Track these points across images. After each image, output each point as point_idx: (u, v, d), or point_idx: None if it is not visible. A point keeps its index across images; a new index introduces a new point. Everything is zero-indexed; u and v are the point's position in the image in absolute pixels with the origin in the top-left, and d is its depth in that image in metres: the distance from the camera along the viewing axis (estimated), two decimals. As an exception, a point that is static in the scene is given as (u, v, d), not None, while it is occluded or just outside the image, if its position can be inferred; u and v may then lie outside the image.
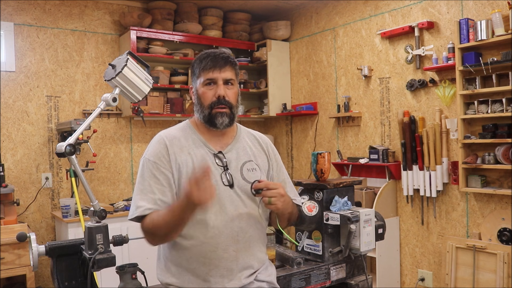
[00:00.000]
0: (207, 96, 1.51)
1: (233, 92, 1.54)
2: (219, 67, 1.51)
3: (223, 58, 1.53)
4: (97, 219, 1.62)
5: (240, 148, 1.59)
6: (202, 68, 1.52)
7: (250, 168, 1.56)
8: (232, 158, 1.55)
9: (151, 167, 1.47)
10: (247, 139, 1.64)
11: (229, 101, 1.52)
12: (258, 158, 1.61)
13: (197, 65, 1.54)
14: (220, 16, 4.48)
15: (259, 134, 1.71)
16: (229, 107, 1.52)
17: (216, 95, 1.50)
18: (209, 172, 1.29)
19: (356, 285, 1.97)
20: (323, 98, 4.34)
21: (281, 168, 1.70)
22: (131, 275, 1.61)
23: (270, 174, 1.64)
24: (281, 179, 1.68)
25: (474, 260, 3.02)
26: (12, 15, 3.61)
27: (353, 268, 2.01)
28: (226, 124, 1.52)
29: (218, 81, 1.51)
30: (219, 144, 1.56)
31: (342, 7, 4.10)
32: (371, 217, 1.90)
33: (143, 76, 1.78)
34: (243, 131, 1.67)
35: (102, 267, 1.54)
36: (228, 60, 1.53)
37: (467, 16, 3.11)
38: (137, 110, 3.54)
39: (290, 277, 1.81)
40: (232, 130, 1.63)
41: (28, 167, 3.65)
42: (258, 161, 1.60)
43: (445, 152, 3.24)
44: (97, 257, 1.53)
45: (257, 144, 1.65)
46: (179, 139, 1.54)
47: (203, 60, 1.53)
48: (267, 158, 1.65)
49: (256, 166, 1.58)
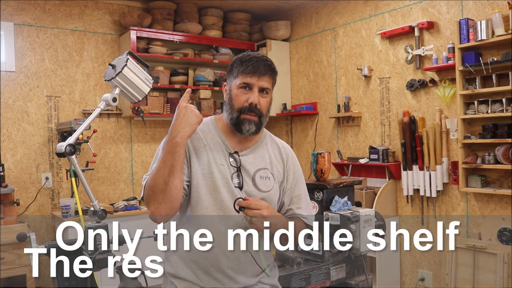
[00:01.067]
0: (240, 100, 1.48)
1: (267, 101, 1.51)
2: (258, 74, 1.47)
3: (266, 65, 1.49)
4: (97, 219, 1.62)
5: (258, 154, 1.56)
6: (242, 70, 1.48)
7: (264, 176, 1.53)
8: (247, 162, 1.52)
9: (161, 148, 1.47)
10: (269, 146, 1.60)
11: (260, 109, 1.49)
12: (274, 168, 1.57)
13: (237, 65, 1.50)
14: (220, 16, 4.48)
15: (283, 143, 1.66)
16: (258, 116, 1.49)
17: (249, 101, 1.47)
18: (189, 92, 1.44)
19: (356, 285, 1.97)
20: (323, 98, 4.34)
21: (299, 183, 1.63)
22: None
23: (283, 186, 1.59)
24: (296, 194, 1.62)
25: (474, 260, 3.02)
26: (12, 15, 3.61)
27: (353, 268, 2.01)
28: (252, 132, 1.50)
29: (254, 87, 1.47)
30: (239, 146, 1.54)
31: (342, 7, 4.10)
32: (371, 217, 1.90)
33: (143, 76, 1.78)
34: (268, 137, 1.63)
35: (102, 267, 1.54)
36: (270, 68, 1.50)
37: (467, 16, 3.11)
38: (137, 110, 3.54)
39: (290, 277, 1.81)
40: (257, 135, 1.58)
41: (28, 167, 3.65)
42: (274, 170, 1.56)
43: (445, 152, 3.24)
44: (97, 257, 1.53)
45: (278, 154, 1.61)
46: (202, 132, 1.52)
47: (244, 63, 1.49)
48: (284, 169, 1.60)
49: (270, 175, 1.54)
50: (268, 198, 1.51)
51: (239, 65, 1.49)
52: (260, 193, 1.50)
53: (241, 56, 1.52)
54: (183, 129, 1.38)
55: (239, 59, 1.51)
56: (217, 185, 1.46)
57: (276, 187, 1.55)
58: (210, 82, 4.37)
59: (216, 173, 1.46)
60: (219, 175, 1.47)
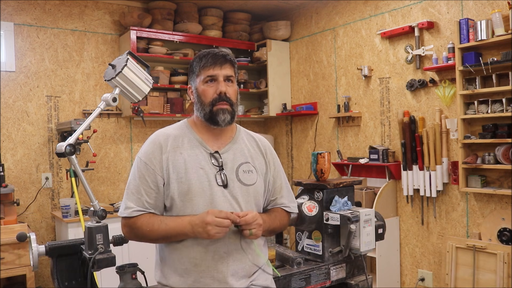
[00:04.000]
0: (208, 93, 1.52)
1: (233, 90, 1.55)
2: (219, 64, 1.52)
3: (223, 55, 1.54)
4: (97, 219, 1.62)
5: (237, 149, 1.58)
6: (202, 65, 1.52)
7: (247, 170, 1.55)
8: (228, 159, 1.54)
9: (142, 168, 1.49)
10: (246, 140, 1.63)
11: (230, 97, 1.53)
12: (255, 160, 1.60)
13: (197, 63, 1.54)
14: (220, 16, 4.48)
15: (258, 136, 1.70)
16: (230, 104, 1.52)
17: (217, 92, 1.51)
18: (233, 220, 1.40)
19: (356, 285, 1.97)
20: (323, 98, 4.34)
21: (279, 173, 1.68)
22: (131, 275, 1.61)
23: (268, 177, 1.62)
24: (278, 184, 1.66)
25: (474, 260, 3.02)
26: (12, 15, 3.61)
27: (353, 268, 2.01)
28: (228, 121, 1.52)
29: (218, 77, 1.52)
30: (217, 144, 1.56)
31: (342, 7, 4.10)
32: (371, 217, 1.90)
33: (143, 76, 1.78)
34: (242, 132, 1.67)
35: (102, 267, 1.54)
36: (227, 58, 1.55)
37: (467, 16, 3.11)
38: (137, 110, 3.54)
39: (290, 277, 1.81)
40: (231, 131, 1.62)
41: (28, 167, 3.65)
42: (256, 163, 1.59)
43: (445, 152, 3.24)
44: (97, 257, 1.53)
45: (256, 147, 1.64)
46: (174, 138, 1.53)
47: (203, 58, 1.53)
48: (265, 161, 1.63)
49: (252, 168, 1.57)
50: (253, 191, 1.54)
51: (198, 62, 1.54)
52: (245, 187, 1.53)
53: (198, 54, 1.57)
54: (195, 233, 1.41)
55: (197, 57, 1.56)
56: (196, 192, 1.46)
57: (260, 179, 1.58)
58: (210, 82, 4.36)
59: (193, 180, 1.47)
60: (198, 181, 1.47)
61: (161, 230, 1.43)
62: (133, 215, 1.46)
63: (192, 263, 1.46)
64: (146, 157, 1.49)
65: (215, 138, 1.56)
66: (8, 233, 2.93)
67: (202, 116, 1.53)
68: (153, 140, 1.53)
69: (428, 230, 3.45)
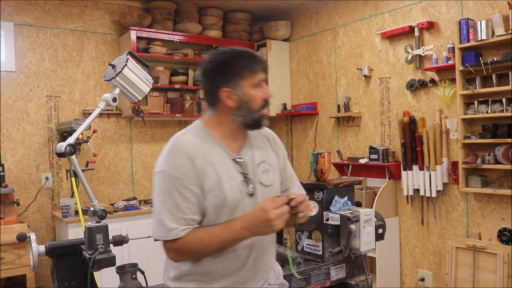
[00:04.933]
0: (258, 99, 1.41)
1: None
2: (264, 68, 1.44)
3: (260, 58, 1.47)
4: (97, 219, 1.62)
5: (253, 147, 1.50)
6: (252, 69, 1.40)
7: (264, 170, 1.48)
8: (248, 161, 1.45)
9: (176, 184, 1.32)
10: (257, 136, 1.54)
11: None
12: (269, 157, 1.53)
13: (243, 64, 1.39)
14: (220, 16, 4.48)
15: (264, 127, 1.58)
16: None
17: (265, 97, 1.43)
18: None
19: (356, 285, 1.97)
20: (323, 98, 4.34)
21: (287, 162, 1.61)
22: (131, 275, 1.61)
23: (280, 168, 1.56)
24: (289, 172, 1.60)
25: (474, 260, 3.02)
26: (12, 15, 3.62)
27: (353, 268, 2.01)
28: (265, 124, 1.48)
29: (263, 82, 1.43)
30: (234, 146, 1.45)
31: (342, 7, 4.10)
32: (371, 217, 1.90)
33: (143, 76, 1.79)
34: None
35: (102, 267, 1.54)
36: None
37: (467, 16, 3.11)
38: (137, 110, 3.54)
39: (290, 277, 1.81)
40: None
41: (28, 167, 3.65)
42: (270, 159, 1.52)
43: (445, 152, 3.24)
44: (97, 257, 1.53)
45: (266, 140, 1.56)
46: (199, 145, 1.38)
47: (250, 59, 1.41)
48: (275, 153, 1.57)
49: (269, 167, 1.50)
50: (273, 191, 1.48)
51: (245, 64, 1.39)
52: (265, 189, 1.46)
53: (239, 53, 1.42)
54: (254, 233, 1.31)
55: (242, 57, 1.40)
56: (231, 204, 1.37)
57: (276, 177, 1.52)
58: (210, 82, 4.36)
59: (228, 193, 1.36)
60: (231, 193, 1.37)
61: (213, 244, 1.31)
62: (180, 236, 1.30)
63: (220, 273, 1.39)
64: (178, 171, 1.32)
65: (233, 140, 1.45)
66: (8, 233, 2.93)
67: (243, 121, 1.42)
68: (178, 151, 1.35)
69: (428, 230, 3.45)
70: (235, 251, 1.38)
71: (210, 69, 1.42)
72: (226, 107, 1.41)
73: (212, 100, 1.43)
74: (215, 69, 1.41)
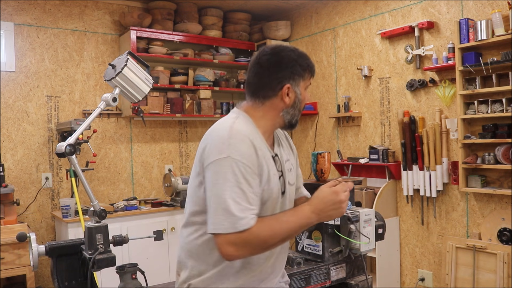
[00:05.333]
0: (306, 101, 1.47)
1: None
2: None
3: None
4: (97, 219, 1.62)
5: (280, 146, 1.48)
6: (310, 70, 1.42)
7: (289, 168, 1.46)
8: (282, 159, 1.43)
9: (243, 171, 1.23)
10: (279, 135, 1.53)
11: None
12: (290, 156, 1.52)
13: (307, 66, 1.40)
14: (220, 16, 4.48)
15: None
16: None
17: (307, 101, 1.49)
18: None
19: (356, 285, 1.97)
20: (323, 98, 4.34)
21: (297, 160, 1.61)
22: (131, 275, 1.61)
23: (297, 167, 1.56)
24: (299, 173, 1.61)
25: (474, 260, 3.02)
26: (12, 15, 3.61)
27: (353, 268, 2.01)
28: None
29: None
30: (269, 143, 1.41)
31: (342, 7, 4.10)
32: (371, 217, 1.90)
33: (143, 76, 1.79)
34: None
35: (102, 267, 1.54)
36: None
37: (467, 16, 3.11)
38: (137, 110, 3.54)
39: (290, 277, 1.81)
40: None
41: (28, 167, 3.65)
42: (292, 159, 1.52)
43: (445, 152, 3.24)
44: (97, 257, 1.53)
45: (285, 139, 1.55)
46: (254, 137, 1.31)
47: (311, 63, 1.42)
48: (292, 151, 1.56)
49: (291, 166, 1.49)
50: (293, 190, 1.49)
51: (307, 68, 1.40)
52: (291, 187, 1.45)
53: (301, 55, 1.41)
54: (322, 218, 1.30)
55: (304, 60, 1.40)
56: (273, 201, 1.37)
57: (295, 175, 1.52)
58: (210, 82, 4.37)
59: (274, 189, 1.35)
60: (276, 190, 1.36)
61: (284, 231, 1.25)
62: (251, 225, 1.21)
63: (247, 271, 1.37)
64: (245, 158, 1.23)
65: (269, 136, 1.42)
66: (8, 233, 2.93)
67: (290, 120, 1.42)
68: (242, 137, 1.27)
69: (428, 230, 3.45)
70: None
71: (277, 63, 1.36)
72: (281, 103, 1.38)
73: (268, 93, 1.37)
74: (282, 63, 1.36)
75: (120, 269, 1.60)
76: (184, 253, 1.40)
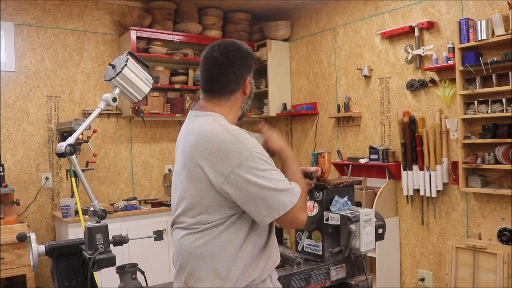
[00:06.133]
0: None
1: None
2: None
3: None
4: (97, 219, 1.62)
5: None
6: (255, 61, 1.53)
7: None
8: None
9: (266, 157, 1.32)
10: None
11: None
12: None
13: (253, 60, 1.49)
14: (220, 16, 4.48)
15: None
16: None
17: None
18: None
19: (356, 285, 1.97)
20: (323, 98, 4.34)
21: None
22: (131, 275, 1.61)
23: None
24: None
25: (474, 260, 3.02)
26: (12, 15, 3.62)
27: (353, 268, 2.01)
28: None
29: None
30: None
31: (342, 7, 4.10)
32: (371, 217, 1.90)
33: (143, 76, 1.79)
34: None
35: (102, 267, 1.54)
36: None
37: (467, 16, 3.11)
38: (137, 110, 3.54)
39: (290, 277, 1.81)
40: None
41: (28, 167, 3.65)
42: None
43: (445, 152, 3.24)
44: (97, 257, 1.53)
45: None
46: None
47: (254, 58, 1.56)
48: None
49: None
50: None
51: (255, 58, 1.49)
52: None
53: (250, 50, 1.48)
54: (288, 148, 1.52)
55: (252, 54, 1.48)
56: None
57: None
58: (210, 82, 4.36)
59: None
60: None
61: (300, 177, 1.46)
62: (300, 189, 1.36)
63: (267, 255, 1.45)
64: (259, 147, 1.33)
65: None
66: (8, 233, 2.93)
67: (245, 110, 1.50)
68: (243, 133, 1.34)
69: (428, 230, 3.45)
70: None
71: (242, 58, 1.42)
72: (241, 96, 1.45)
73: (233, 88, 1.41)
74: (243, 58, 1.42)
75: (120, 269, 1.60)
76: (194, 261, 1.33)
